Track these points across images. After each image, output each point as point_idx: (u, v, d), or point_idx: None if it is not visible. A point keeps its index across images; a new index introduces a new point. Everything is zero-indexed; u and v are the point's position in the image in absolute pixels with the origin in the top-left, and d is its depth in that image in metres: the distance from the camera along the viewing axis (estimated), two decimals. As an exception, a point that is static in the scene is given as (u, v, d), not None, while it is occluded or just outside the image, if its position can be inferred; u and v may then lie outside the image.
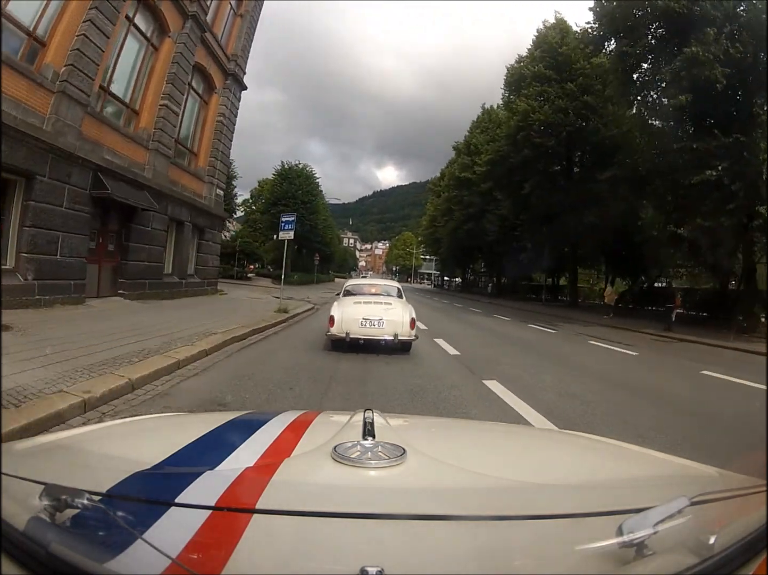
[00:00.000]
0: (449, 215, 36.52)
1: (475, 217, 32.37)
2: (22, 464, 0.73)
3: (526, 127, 20.12)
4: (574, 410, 4.03)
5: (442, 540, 0.57)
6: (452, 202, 35.52)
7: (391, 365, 5.51)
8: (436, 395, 4.24)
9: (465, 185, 33.54)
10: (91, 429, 1.18)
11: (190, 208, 13.62)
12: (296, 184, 32.96)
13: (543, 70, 21.54)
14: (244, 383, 4.30)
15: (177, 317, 8.40)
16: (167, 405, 3.50)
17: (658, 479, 0.88)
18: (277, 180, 33.63)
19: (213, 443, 0.91)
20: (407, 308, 6.29)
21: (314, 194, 34.58)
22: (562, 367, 6.42)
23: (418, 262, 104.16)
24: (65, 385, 3.40)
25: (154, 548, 0.48)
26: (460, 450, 1.00)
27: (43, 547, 0.47)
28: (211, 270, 15.73)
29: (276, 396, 3.92)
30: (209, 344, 5.79)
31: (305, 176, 34.13)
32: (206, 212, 14.71)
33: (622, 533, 0.51)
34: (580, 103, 20.19)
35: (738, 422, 3.86)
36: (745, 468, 0.89)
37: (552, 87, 21.19)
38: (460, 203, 34.11)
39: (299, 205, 32.26)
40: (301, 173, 34.10)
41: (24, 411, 2.76)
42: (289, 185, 32.84)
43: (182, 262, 13.46)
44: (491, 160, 23.49)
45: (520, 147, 21.12)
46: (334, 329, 6.00)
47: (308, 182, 34.06)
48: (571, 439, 1.32)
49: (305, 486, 0.69)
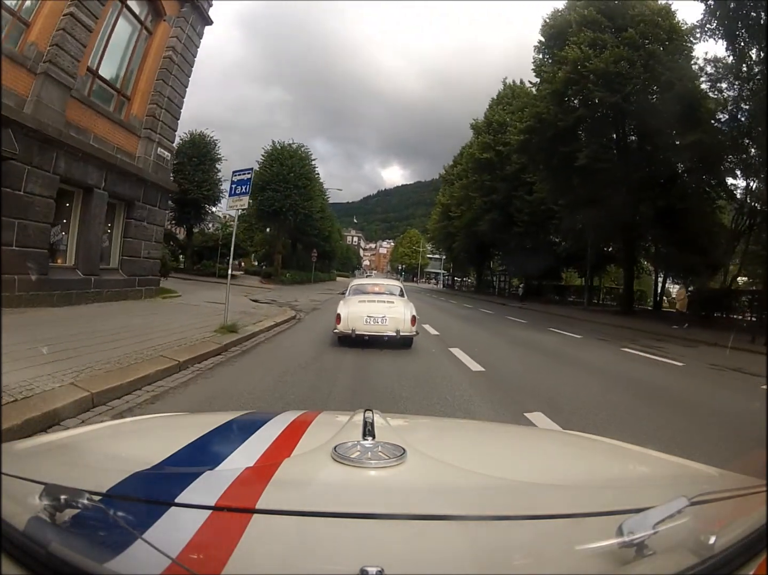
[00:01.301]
0: (467, 203, 31.63)
1: (499, 205, 27.84)
2: (22, 464, 0.73)
3: (580, 80, 15.55)
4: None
5: (442, 540, 0.57)
6: (471, 188, 30.76)
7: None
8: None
9: (486, 167, 29.06)
10: (91, 429, 1.16)
11: (106, 168, 9.14)
12: (288, 165, 28.16)
13: (594, 14, 17.00)
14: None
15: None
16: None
17: (658, 479, 0.88)
18: (266, 162, 29.01)
19: (213, 443, 0.91)
20: (408, 306, 6.66)
21: (309, 177, 29.47)
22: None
23: (425, 261, 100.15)
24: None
25: (154, 548, 0.48)
26: (460, 450, 1.00)
27: (43, 547, 0.47)
28: (148, 264, 11.06)
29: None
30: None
31: (299, 157, 29.21)
32: (138, 177, 10.12)
33: (622, 533, 0.50)
34: (645, 53, 15.66)
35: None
36: (745, 468, 0.88)
37: (606, 34, 16.67)
38: (480, 189, 29.49)
39: (291, 190, 27.83)
40: (294, 153, 29.21)
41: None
42: (279, 166, 28.22)
43: (90, 249, 8.97)
44: (529, 127, 18.73)
45: (569, 108, 16.60)
46: (341, 327, 6.32)
47: (302, 163, 29.05)
48: (571, 439, 1.31)
49: (305, 486, 0.69)
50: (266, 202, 27.92)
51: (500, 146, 28.19)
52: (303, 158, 29.44)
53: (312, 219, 30.11)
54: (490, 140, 29.14)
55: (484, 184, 29.09)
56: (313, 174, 30.59)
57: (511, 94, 29.82)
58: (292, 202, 27.69)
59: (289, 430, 0.94)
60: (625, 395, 4.69)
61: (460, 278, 52.55)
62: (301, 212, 28.12)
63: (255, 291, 19.13)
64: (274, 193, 27.73)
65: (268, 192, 27.85)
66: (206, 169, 29.92)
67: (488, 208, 28.64)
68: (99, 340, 5.17)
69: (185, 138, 29.83)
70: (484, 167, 29.26)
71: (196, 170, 29.21)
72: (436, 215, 46.47)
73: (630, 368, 6.55)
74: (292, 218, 27.91)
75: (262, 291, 20.26)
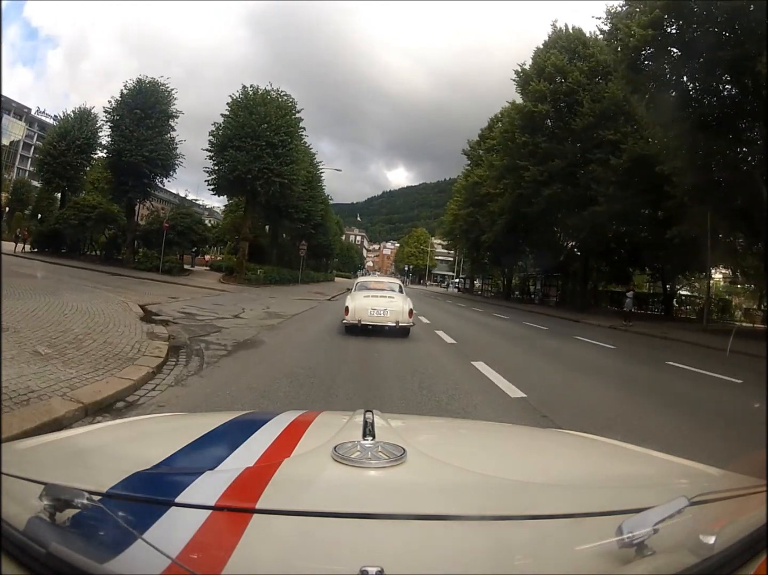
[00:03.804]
0: (513, 175, 22.66)
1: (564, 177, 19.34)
2: (22, 464, 0.73)
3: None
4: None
5: (442, 540, 0.57)
6: (516, 154, 22.09)
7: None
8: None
9: (540, 126, 20.59)
10: (91, 429, 1.15)
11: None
12: (259, 114, 19.80)
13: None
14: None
15: None
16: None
17: (658, 479, 0.88)
18: (231, 113, 20.44)
19: (213, 443, 0.90)
20: (406, 301, 7.66)
21: (290, 133, 20.56)
22: None
23: (433, 262, 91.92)
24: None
25: (154, 548, 0.48)
26: (460, 449, 1.01)
27: (43, 547, 0.47)
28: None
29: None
30: None
31: (277, 105, 20.55)
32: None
33: (622, 533, 0.50)
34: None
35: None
36: (745, 468, 0.87)
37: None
38: (532, 155, 20.96)
39: (263, 148, 19.36)
40: (267, 100, 20.49)
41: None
42: (248, 116, 19.80)
43: None
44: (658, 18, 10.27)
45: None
46: (348, 317, 7.19)
47: (280, 113, 20.37)
48: (572, 439, 1.30)
49: (305, 486, 0.69)
50: (226, 166, 19.48)
51: (561, 96, 20.12)
52: (282, 105, 20.82)
53: (291, 191, 21.02)
54: (546, 89, 20.83)
55: (538, 149, 20.57)
56: (297, 130, 21.66)
57: (566, 39, 21.89)
58: (263, 165, 19.16)
59: (289, 430, 0.94)
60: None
61: (484, 282, 43.76)
62: (275, 180, 19.56)
63: (188, 294, 13.17)
64: (237, 152, 19.26)
65: (229, 151, 19.40)
66: (153, 125, 21.34)
67: (545, 180, 20.09)
68: None
69: (131, 86, 21.49)
70: (537, 126, 20.82)
71: (138, 126, 20.69)
72: (454, 205, 38.16)
73: None
74: (262, 188, 19.39)
75: (203, 295, 13.65)
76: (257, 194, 19.86)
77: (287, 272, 26.14)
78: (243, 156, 19.16)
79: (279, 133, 19.81)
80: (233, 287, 18.36)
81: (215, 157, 20.28)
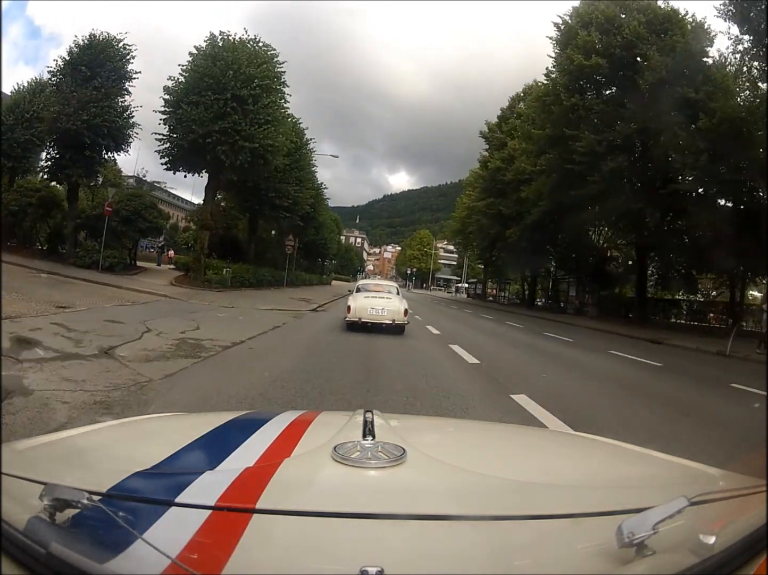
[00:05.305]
0: (559, 148, 17.34)
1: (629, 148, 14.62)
2: (22, 464, 0.72)
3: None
4: None
5: (442, 540, 0.56)
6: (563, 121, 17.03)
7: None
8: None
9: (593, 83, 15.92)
10: (91, 429, 1.12)
11: None
12: (225, 60, 14.61)
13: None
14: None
15: None
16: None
17: (658, 479, 0.87)
18: (191, 63, 15.30)
19: (213, 443, 0.89)
20: (402, 302, 8.49)
21: (265, 87, 15.17)
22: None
23: (437, 266, 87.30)
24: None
25: (154, 548, 0.48)
26: (460, 449, 1.00)
27: (43, 547, 0.47)
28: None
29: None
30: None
31: (252, 54, 15.36)
32: None
33: (622, 533, 0.50)
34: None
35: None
36: (745, 468, 0.86)
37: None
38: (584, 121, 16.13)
39: (229, 102, 14.44)
40: (240, 48, 15.31)
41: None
42: (211, 64, 14.75)
43: None
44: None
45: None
46: (350, 315, 8.08)
47: (254, 61, 15.08)
48: (571, 439, 1.31)
49: (305, 486, 0.69)
50: (180, 128, 14.63)
51: (616, 50, 15.62)
52: (258, 54, 15.80)
53: (266, 161, 15.52)
54: (598, 41, 16.21)
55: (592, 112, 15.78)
56: (276, 85, 16.13)
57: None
58: (227, 125, 14.28)
59: (289, 430, 0.93)
60: None
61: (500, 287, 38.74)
62: (244, 145, 14.44)
63: (101, 301, 9.26)
64: (194, 108, 14.38)
65: (183, 108, 14.54)
66: (100, 85, 16.34)
67: (604, 152, 15.16)
68: None
69: (82, 43, 16.65)
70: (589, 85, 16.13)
71: (81, 87, 15.72)
72: (467, 199, 33.38)
73: None
74: (227, 156, 14.60)
75: (118, 303, 9.60)
76: (221, 167, 14.97)
77: (268, 272, 21.20)
78: (200, 113, 14.05)
79: (250, 86, 14.56)
80: (183, 292, 13.47)
81: (169, 120, 15.45)
